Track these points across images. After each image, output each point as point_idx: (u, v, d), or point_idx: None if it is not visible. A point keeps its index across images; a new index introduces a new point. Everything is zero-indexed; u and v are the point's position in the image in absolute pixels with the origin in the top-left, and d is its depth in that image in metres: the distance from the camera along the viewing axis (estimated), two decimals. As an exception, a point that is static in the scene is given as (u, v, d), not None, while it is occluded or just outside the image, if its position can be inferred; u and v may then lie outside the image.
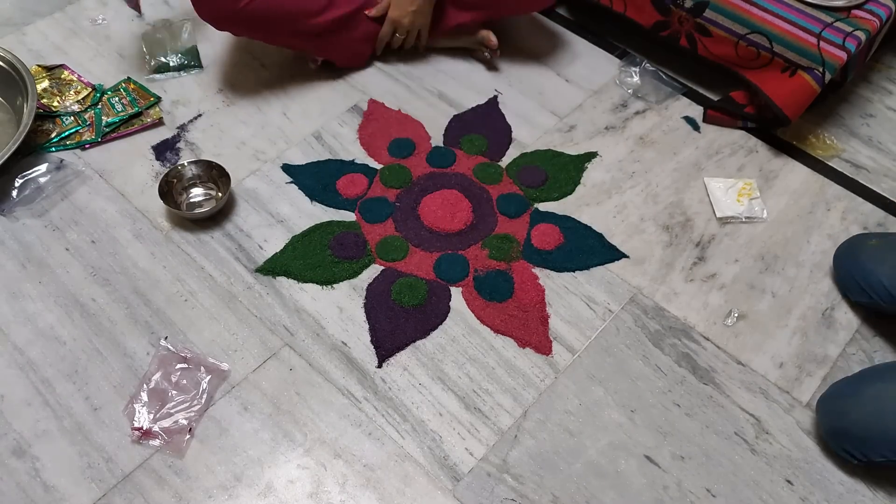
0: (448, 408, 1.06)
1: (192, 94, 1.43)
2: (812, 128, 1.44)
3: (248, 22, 1.29)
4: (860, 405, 0.97)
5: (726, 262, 1.24)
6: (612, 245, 1.25)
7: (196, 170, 1.27)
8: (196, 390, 1.04)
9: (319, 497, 0.97)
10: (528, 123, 1.42)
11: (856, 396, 0.99)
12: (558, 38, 1.58)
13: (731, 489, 1.01)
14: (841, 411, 0.99)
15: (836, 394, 1.02)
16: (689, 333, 1.15)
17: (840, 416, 0.99)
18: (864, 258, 1.14)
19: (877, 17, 1.32)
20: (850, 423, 0.97)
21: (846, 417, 0.98)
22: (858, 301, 1.16)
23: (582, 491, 0.99)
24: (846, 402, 1.00)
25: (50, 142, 1.32)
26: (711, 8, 1.35)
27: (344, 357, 1.10)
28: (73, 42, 1.51)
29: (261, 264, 1.19)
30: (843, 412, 0.99)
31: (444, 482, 0.99)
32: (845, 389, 1.01)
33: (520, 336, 1.13)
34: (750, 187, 1.33)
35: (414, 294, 1.15)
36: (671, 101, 1.47)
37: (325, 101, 1.43)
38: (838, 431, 0.99)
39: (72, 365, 1.07)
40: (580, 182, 1.33)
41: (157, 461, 0.99)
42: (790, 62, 1.31)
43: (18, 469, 0.98)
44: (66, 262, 1.18)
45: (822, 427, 1.03)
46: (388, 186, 1.30)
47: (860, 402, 0.97)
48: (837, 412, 1.00)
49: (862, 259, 1.14)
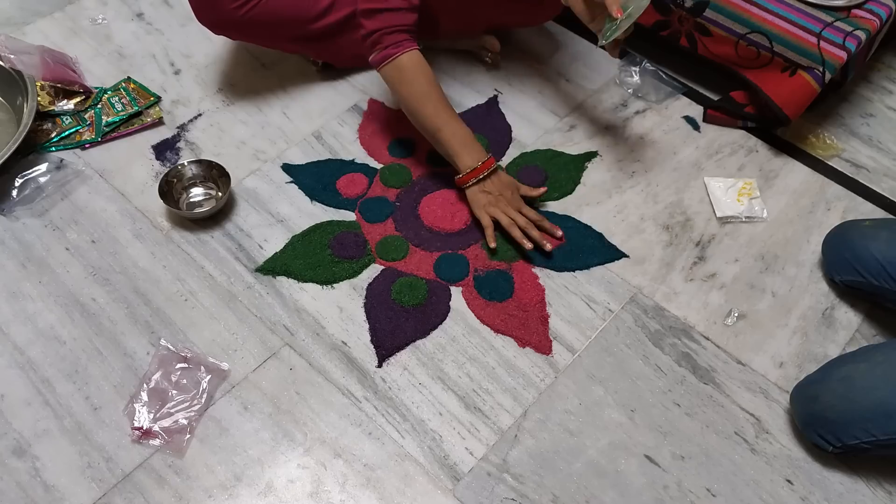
0: (448, 407, 1.06)
1: (192, 94, 1.43)
2: (812, 127, 1.44)
3: (247, 28, 1.29)
4: (829, 388, 0.97)
5: (726, 262, 1.24)
6: (612, 245, 1.25)
7: (196, 169, 1.27)
8: (196, 390, 1.04)
9: (319, 497, 0.97)
10: (528, 123, 1.42)
11: (825, 381, 0.99)
12: (558, 37, 1.58)
13: (731, 489, 1.01)
14: (811, 396, 1.00)
15: (806, 381, 1.03)
16: (689, 333, 1.15)
17: (811, 401, 0.99)
18: (856, 236, 1.14)
19: (877, 17, 1.32)
20: (821, 406, 0.97)
21: (817, 402, 0.98)
22: (845, 281, 1.15)
23: (582, 490, 0.99)
24: (816, 387, 1.00)
25: (50, 141, 1.32)
26: (711, 7, 1.35)
27: (344, 357, 1.10)
28: (73, 42, 1.51)
29: (261, 264, 1.19)
30: (814, 397, 0.99)
31: (444, 482, 0.99)
32: (814, 376, 1.02)
33: (520, 336, 1.13)
34: (750, 187, 1.32)
35: (414, 294, 1.15)
36: (671, 101, 1.47)
37: (325, 101, 1.43)
38: (810, 417, 0.99)
39: (72, 365, 1.07)
40: (580, 182, 1.33)
41: (157, 461, 0.99)
42: (790, 62, 1.31)
43: (18, 469, 0.98)
44: (66, 262, 1.18)
45: (796, 417, 1.03)
46: (389, 186, 1.30)
47: (829, 386, 0.98)
48: (808, 398, 1.00)
49: (854, 237, 1.14)
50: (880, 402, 0.92)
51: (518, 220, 1.19)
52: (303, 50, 1.41)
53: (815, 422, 0.99)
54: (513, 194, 1.22)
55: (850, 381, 0.96)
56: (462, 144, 1.19)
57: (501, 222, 1.19)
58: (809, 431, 1.00)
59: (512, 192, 1.22)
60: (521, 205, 1.22)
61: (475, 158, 1.19)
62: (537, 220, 1.21)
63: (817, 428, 0.99)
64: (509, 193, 1.21)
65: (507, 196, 1.21)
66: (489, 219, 1.20)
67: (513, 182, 1.23)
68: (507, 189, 1.21)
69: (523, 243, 1.17)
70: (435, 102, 1.19)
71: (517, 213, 1.20)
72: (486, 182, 1.20)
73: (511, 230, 1.19)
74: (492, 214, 1.20)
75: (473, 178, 1.20)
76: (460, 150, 1.19)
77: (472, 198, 1.21)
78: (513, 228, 1.19)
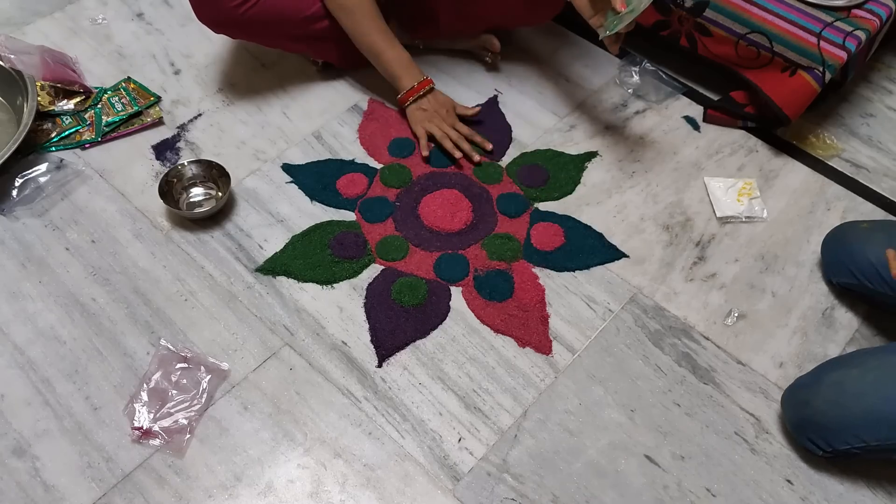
0: (448, 407, 1.06)
1: (192, 94, 1.43)
2: (812, 127, 1.44)
3: (247, 26, 1.29)
4: (820, 394, 0.97)
5: (726, 262, 1.24)
6: (612, 245, 1.25)
7: (196, 169, 1.27)
8: (196, 390, 1.04)
9: (319, 497, 0.97)
10: (528, 123, 1.42)
11: (816, 385, 0.99)
12: (558, 37, 1.58)
13: (732, 489, 1.01)
14: (802, 401, 0.99)
15: (797, 385, 1.02)
16: (689, 333, 1.15)
17: (802, 405, 0.99)
18: (852, 239, 1.14)
19: (877, 17, 1.32)
20: (812, 411, 0.97)
21: (808, 406, 0.98)
22: (842, 283, 1.16)
23: (582, 490, 0.99)
24: (807, 391, 1.00)
25: (50, 141, 1.32)
26: (711, 7, 1.35)
27: (344, 357, 1.10)
28: (74, 42, 1.51)
29: (261, 264, 1.19)
30: (805, 401, 0.99)
31: (444, 482, 0.99)
32: (805, 380, 1.02)
33: (520, 336, 1.13)
34: (750, 187, 1.33)
35: (414, 294, 1.15)
36: (671, 101, 1.47)
37: (325, 101, 1.43)
38: (801, 422, 0.99)
39: (72, 364, 1.07)
40: (580, 182, 1.33)
41: (157, 461, 0.99)
42: (790, 62, 1.31)
43: (18, 469, 0.98)
44: (66, 262, 1.18)
45: (786, 420, 1.03)
46: (389, 186, 1.30)
47: (820, 391, 0.97)
48: (799, 402, 1.00)
49: (850, 240, 1.14)
50: (871, 408, 0.92)
51: (450, 134, 1.33)
52: (303, 49, 1.41)
53: (806, 426, 0.98)
54: (448, 112, 1.35)
55: (841, 387, 0.96)
56: (402, 67, 1.31)
57: (435, 135, 1.32)
58: (800, 435, 1.00)
59: (447, 109, 1.35)
60: (455, 121, 1.35)
61: (413, 79, 1.32)
62: (468, 135, 1.35)
63: (808, 433, 0.98)
64: (444, 111, 1.34)
65: (442, 113, 1.34)
66: (424, 132, 1.33)
67: (449, 101, 1.36)
68: (442, 107, 1.34)
69: (453, 153, 1.31)
70: (376, 29, 1.28)
71: (450, 128, 1.33)
72: (422, 100, 1.33)
73: (443, 142, 1.32)
74: (427, 129, 1.33)
75: (412, 97, 1.33)
76: (401, 72, 1.31)
77: (411, 115, 1.35)
78: (445, 140, 1.32)
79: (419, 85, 1.32)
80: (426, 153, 1.32)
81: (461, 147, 1.32)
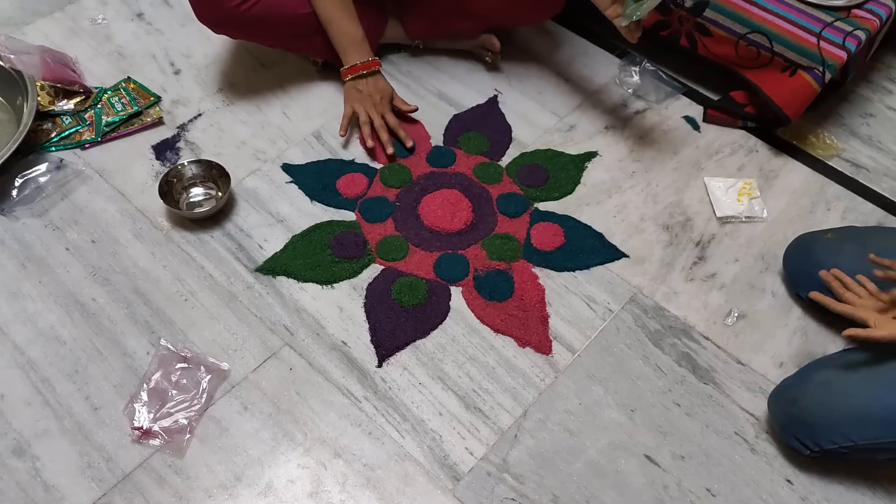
0: (448, 407, 1.06)
1: (192, 94, 1.43)
2: (812, 127, 1.44)
3: (247, 25, 1.29)
4: (808, 393, 0.97)
5: (726, 262, 1.24)
6: (612, 245, 1.25)
7: (196, 169, 1.27)
8: (196, 390, 1.04)
9: (319, 497, 0.97)
10: (528, 123, 1.42)
11: (803, 385, 0.99)
12: (558, 37, 1.58)
13: (731, 489, 1.01)
14: (790, 400, 0.99)
15: (784, 384, 1.02)
16: (689, 333, 1.15)
17: (790, 404, 0.99)
18: (819, 251, 1.11)
19: (877, 17, 1.32)
20: (800, 410, 0.97)
21: (795, 405, 0.98)
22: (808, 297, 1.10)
23: (582, 490, 0.99)
24: (794, 390, 1.00)
25: (50, 141, 1.32)
26: (711, 7, 1.35)
27: (344, 357, 1.10)
28: (73, 42, 1.51)
29: (261, 264, 1.19)
30: (793, 400, 0.99)
31: (444, 482, 0.99)
32: (792, 379, 1.02)
33: (520, 336, 1.13)
34: (750, 187, 1.33)
35: (414, 294, 1.15)
36: (671, 101, 1.47)
37: (325, 101, 1.43)
38: (789, 420, 0.99)
39: (72, 364, 1.07)
40: (580, 182, 1.33)
41: (157, 461, 0.99)
42: (790, 62, 1.31)
43: (18, 469, 0.98)
44: (66, 262, 1.18)
45: (773, 420, 1.03)
46: (389, 186, 1.30)
47: (808, 390, 0.97)
48: (787, 401, 1.00)
49: (817, 251, 1.11)
50: (859, 407, 0.92)
51: (375, 121, 1.32)
52: (303, 49, 1.41)
53: (794, 426, 0.98)
54: (382, 99, 1.34)
55: (828, 386, 0.96)
56: (352, 43, 1.32)
57: (360, 117, 1.33)
58: (787, 435, 1.00)
59: (382, 97, 1.34)
60: (386, 110, 1.34)
61: (359, 57, 1.32)
62: (393, 126, 1.34)
63: (795, 432, 0.98)
64: (378, 98, 1.33)
65: (376, 99, 1.33)
66: (351, 110, 1.33)
67: (387, 89, 1.35)
68: (378, 93, 1.33)
69: (367, 139, 1.31)
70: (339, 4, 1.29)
71: (378, 115, 1.33)
72: (361, 81, 1.33)
73: (363, 126, 1.32)
74: (354, 108, 1.33)
75: (351, 74, 1.32)
76: (349, 48, 1.32)
77: (346, 92, 1.35)
78: (365, 126, 1.32)
79: (363, 64, 1.31)
80: (343, 133, 1.33)
81: (380, 136, 1.32)
